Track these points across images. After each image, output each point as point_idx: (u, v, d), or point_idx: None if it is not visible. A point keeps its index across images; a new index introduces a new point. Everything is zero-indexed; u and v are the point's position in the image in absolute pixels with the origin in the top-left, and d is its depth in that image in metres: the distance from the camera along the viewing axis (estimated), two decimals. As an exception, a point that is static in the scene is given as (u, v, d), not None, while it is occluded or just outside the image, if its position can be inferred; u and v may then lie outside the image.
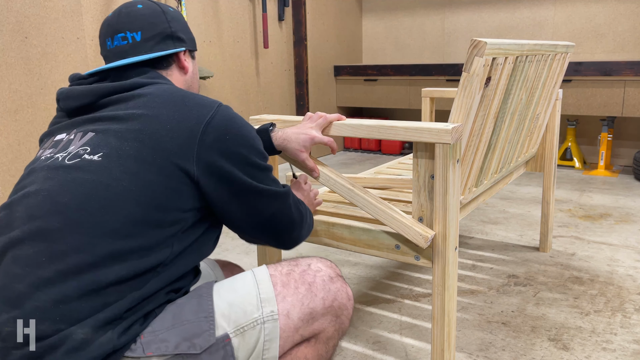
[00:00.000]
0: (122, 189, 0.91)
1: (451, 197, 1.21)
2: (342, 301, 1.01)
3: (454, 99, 1.23)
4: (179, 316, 0.90)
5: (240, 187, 1.00)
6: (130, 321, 0.88)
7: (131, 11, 1.11)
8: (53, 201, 0.90)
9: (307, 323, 0.97)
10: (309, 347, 1.00)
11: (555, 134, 2.24)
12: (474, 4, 4.55)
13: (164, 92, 1.02)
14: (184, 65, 1.17)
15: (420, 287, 2.07)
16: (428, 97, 2.55)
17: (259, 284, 0.97)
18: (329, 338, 1.02)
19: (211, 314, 0.91)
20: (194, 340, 0.88)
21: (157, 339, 0.88)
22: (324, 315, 0.99)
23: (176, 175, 0.94)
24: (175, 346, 0.87)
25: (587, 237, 2.55)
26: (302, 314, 0.96)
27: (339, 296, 1.01)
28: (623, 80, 3.60)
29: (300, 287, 0.97)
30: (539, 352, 1.60)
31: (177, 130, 0.96)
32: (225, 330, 0.90)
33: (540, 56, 1.67)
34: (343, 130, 1.32)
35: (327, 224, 1.42)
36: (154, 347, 0.87)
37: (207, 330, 0.89)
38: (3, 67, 2.52)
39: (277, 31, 4.25)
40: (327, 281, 1.00)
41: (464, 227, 2.77)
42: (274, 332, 0.93)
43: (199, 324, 0.89)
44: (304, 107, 4.51)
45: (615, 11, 4.02)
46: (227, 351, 0.89)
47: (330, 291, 1.00)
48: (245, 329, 0.91)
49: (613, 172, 3.89)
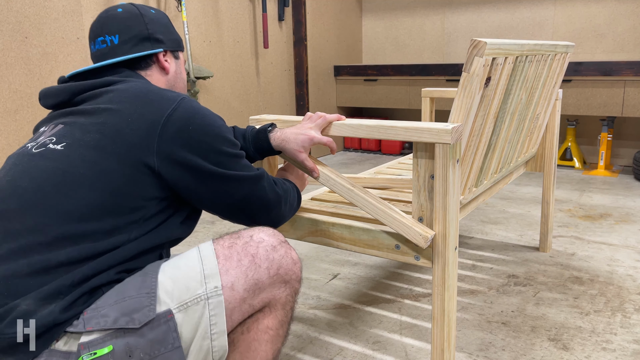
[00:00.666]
0: (79, 175, 0.96)
1: (451, 197, 1.21)
2: (287, 267, 1.03)
3: (454, 99, 1.24)
4: (122, 292, 0.92)
5: (204, 174, 1.04)
6: (73, 296, 0.90)
7: (110, 15, 1.19)
8: (14, 185, 0.97)
9: (253, 293, 0.99)
10: (267, 317, 1.03)
11: (555, 134, 2.24)
12: (474, 4, 4.55)
13: (130, 88, 1.07)
14: (164, 66, 1.22)
15: (420, 287, 2.07)
16: (428, 97, 2.55)
17: (203, 259, 0.98)
18: (284, 303, 1.05)
19: (153, 290, 0.92)
20: (133, 315, 0.89)
21: (98, 314, 0.90)
22: (272, 284, 1.01)
23: (136, 165, 0.99)
24: (114, 321, 0.89)
25: (587, 237, 2.56)
26: (247, 285, 0.97)
27: (283, 263, 1.03)
28: (623, 80, 3.60)
29: (244, 259, 0.99)
30: (539, 352, 1.60)
31: (138, 123, 1.01)
32: (169, 306, 0.91)
33: (540, 56, 1.67)
34: (343, 130, 1.32)
35: (327, 224, 1.42)
36: (94, 322, 0.89)
37: (147, 306, 0.90)
38: (3, 67, 2.52)
39: (277, 31, 4.25)
40: (270, 250, 1.02)
41: (464, 227, 2.77)
42: (219, 307, 0.94)
43: (140, 299, 0.91)
44: (304, 107, 4.51)
45: (615, 11, 4.02)
46: (169, 326, 0.90)
47: (274, 260, 1.01)
48: (188, 305, 0.92)
49: (613, 172, 3.89)
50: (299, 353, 1.63)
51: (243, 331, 1.02)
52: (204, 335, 0.93)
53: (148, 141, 1.00)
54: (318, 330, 1.76)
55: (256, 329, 1.02)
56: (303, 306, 1.93)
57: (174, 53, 1.26)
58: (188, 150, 1.02)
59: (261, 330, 1.02)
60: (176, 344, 0.90)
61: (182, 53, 1.31)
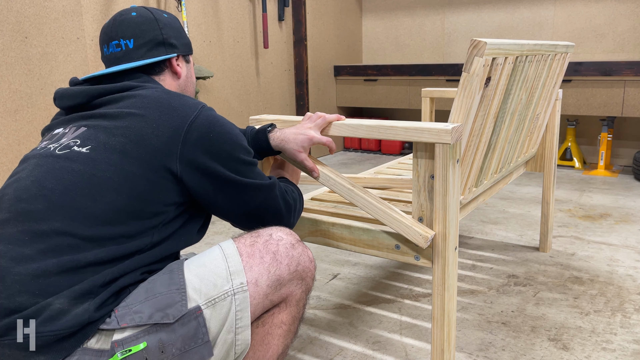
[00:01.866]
0: (105, 179, 0.97)
1: (451, 197, 1.21)
2: (305, 264, 1.08)
3: (454, 99, 1.24)
4: (152, 290, 0.95)
5: (223, 181, 1.07)
6: (104, 296, 0.92)
7: (125, 19, 1.19)
8: (40, 186, 0.97)
9: (275, 289, 1.03)
10: (282, 312, 1.07)
11: (555, 134, 2.24)
12: (474, 4, 4.55)
13: (152, 94, 1.08)
14: (177, 71, 1.23)
15: (420, 287, 2.07)
16: (428, 97, 2.55)
17: (227, 257, 1.02)
18: (299, 300, 1.09)
19: (182, 286, 0.95)
20: (167, 310, 0.92)
21: (130, 311, 0.92)
22: (291, 280, 1.05)
23: (159, 170, 1.00)
24: (149, 316, 0.91)
25: (587, 237, 2.55)
26: (270, 281, 1.02)
27: (302, 260, 1.07)
28: (623, 80, 3.60)
29: (265, 256, 1.03)
30: (539, 352, 1.60)
31: (162, 129, 1.02)
32: (197, 303, 0.94)
33: (540, 56, 1.67)
34: (343, 130, 1.32)
35: (327, 224, 1.42)
36: (128, 319, 0.91)
37: (179, 301, 0.93)
38: (3, 67, 2.52)
39: (277, 31, 4.25)
40: (290, 248, 1.06)
41: (464, 227, 2.77)
42: (245, 302, 0.98)
43: (171, 295, 0.93)
44: (304, 107, 4.51)
45: (615, 11, 4.02)
46: (199, 322, 0.94)
47: (293, 257, 1.06)
48: (216, 301, 0.96)
49: (613, 172, 3.89)
50: (299, 353, 1.63)
51: (258, 324, 1.05)
52: (229, 329, 0.97)
53: (171, 147, 1.01)
54: (318, 330, 1.76)
55: (271, 323, 1.05)
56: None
57: (185, 57, 1.28)
58: (209, 157, 1.04)
59: (275, 325, 1.05)
60: (205, 339, 0.94)
61: (192, 57, 1.32)
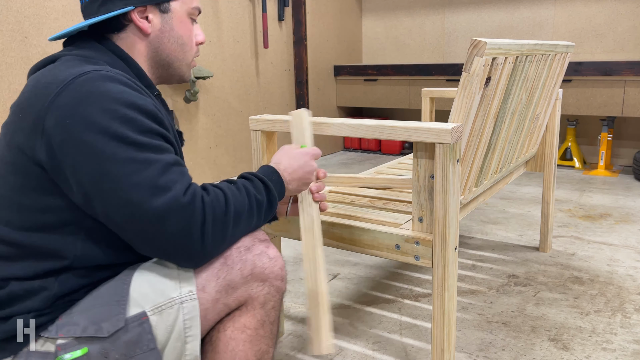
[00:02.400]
0: None
1: (451, 197, 1.21)
2: (263, 266, 0.98)
3: (454, 99, 1.23)
4: (94, 298, 0.92)
5: None
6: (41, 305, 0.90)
7: None
8: None
9: (226, 293, 0.95)
10: (244, 315, 0.98)
11: (555, 134, 2.24)
12: (474, 4, 4.55)
13: (38, 75, 0.93)
14: (140, 26, 1.01)
15: (420, 287, 2.07)
16: (428, 97, 2.55)
17: None
18: (264, 302, 0.99)
19: (124, 297, 0.90)
20: (102, 324, 0.88)
21: (70, 321, 0.89)
22: (246, 283, 0.96)
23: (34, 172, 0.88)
24: (83, 329, 0.88)
25: (587, 237, 2.55)
26: (219, 287, 0.94)
27: (259, 262, 0.97)
28: (623, 80, 3.60)
29: (215, 261, 0.95)
30: (539, 352, 1.60)
31: (25, 120, 0.88)
32: (143, 309, 0.90)
33: (540, 56, 1.67)
34: (343, 130, 1.32)
35: (327, 224, 1.42)
36: (65, 329, 0.89)
37: (116, 315, 0.89)
38: (3, 67, 2.52)
39: (277, 31, 4.25)
40: (244, 251, 0.97)
41: (464, 227, 2.77)
42: (194, 311, 0.92)
43: (110, 307, 0.90)
44: (304, 107, 4.51)
45: (615, 11, 4.02)
46: (144, 328, 0.90)
47: (246, 261, 0.96)
48: (162, 308, 0.91)
49: (613, 172, 3.89)
50: (299, 353, 1.63)
51: (220, 329, 0.99)
52: (178, 337, 0.92)
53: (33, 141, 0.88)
54: (318, 330, 1.76)
55: (233, 328, 0.98)
56: (303, 306, 1.93)
57: (161, 6, 1.02)
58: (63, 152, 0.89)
59: (238, 329, 0.98)
60: (151, 346, 0.90)
61: (179, 2, 1.04)
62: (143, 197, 0.84)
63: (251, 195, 0.97)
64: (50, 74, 0.90)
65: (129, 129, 0.85)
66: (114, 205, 0.85)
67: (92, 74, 0.87)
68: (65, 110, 0.84)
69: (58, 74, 0.89)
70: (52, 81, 0.88)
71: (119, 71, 0.94)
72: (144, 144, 0.86)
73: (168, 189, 0.85)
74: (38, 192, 0.89)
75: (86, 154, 0.84)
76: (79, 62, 0.93)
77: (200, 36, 1.10)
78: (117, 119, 0.85)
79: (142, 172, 0.85)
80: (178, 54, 1.07)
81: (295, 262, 2.35)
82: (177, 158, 0.91)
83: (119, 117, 0.85)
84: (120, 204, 0.85)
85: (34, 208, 0.89)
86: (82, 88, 0.86)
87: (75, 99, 0.85)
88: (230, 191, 0.94)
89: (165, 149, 0.90)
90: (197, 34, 1.10)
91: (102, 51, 0.99)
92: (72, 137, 0.84)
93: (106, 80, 0.87)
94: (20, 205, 0.89)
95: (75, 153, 0.84)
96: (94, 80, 0.87)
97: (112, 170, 0.84)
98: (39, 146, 0.86)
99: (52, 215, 0.90)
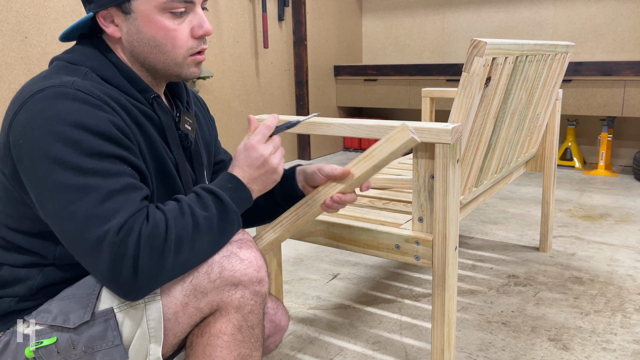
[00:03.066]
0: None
1: (451, 197, 1.21)
2: (233, 269, 0.92)
3: (454, 99, 1.23)
4: (72, 289, 0.95)
5: None
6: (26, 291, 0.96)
7: None
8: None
9: (196, 298, 0.92)
10: (219, 321, 0.94)
11: (555, 134, 2.24)
12: (474, 4, 4.55)
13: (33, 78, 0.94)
14: (108, 32, 0.95)
15: (420, 287, 2.07)
16: (428, 97, 2.55)
17: None
18: (239, 307, 0.94)
19: (95, 291, 0.93)
20: (70, 315, 0.92)
21: (47, 309, 0.94)
22: (216, 288, 0.92)
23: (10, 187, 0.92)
24: (54, 318, 0.92)
25: (587, 237, 2.55)
26: (186, 291, 0.91)
27: (227, 265, 0.92)
28: (623, 80, 3.60)
29: None
30: (539, 352, 1.60)
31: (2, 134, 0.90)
32: (111, 305, 0.92)
33: (540, 56, 1.67)
34: (343, 130, 1.32)
35: (327, 224, 1.42)
36: (40, 316, 0.93)
37: (83, 308, 0.92)
38: (3, 67, 2.52)
39: (277, 31, 4.25)
40: None
41: (464, 227, 2.77)
42: (157, 312, 0.92)
43: (80, 299, 0.93)
44: (304, 107, 4.51)
45: (615, 11, 4.02)
46: (110, 324, 0.91)
47: (213, 264, 0.92)
48: (129, 307, 0.92)
49: (613, 172, 3.89)
50: (299, 353, 1.63)
51: (197, 335, 0.97)
52: (142, 336, 0.92)
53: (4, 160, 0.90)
54: (318, 330, 1.76)
55: (209, 334, 0.95)
56: (303, 306, 1.93)
57: (122, 6, 0.93)
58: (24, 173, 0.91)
59: (213, 335, 0.94)
60: (116, 342, 0.91)
61: (140, 3, 0.92)
62: (77, 228, 0.82)
63: (196, 215, 0.89)
64: (27, 85, 0.90)
65: (72, 152, 0.82)
66: (57, 230, 0.86)
67: (47, 91, 0.84)
68: (20, 129, 0.84)
69: (29, 86, 0.88)
70: (20, 95, 0.88)
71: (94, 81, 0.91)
72: (86, 169, 0.82)
73: (105, 220, 0.82)
74: (17, 203, 0.93)
75: (33, 176, 0.84)
76: (56, 70, 0.92)
77: (200, 28, 0.98)
78: (60, 142, 0.82)
79: (80, 201, 0.82)
80: (157, 56, 0.97)
81: (295, 262, 2.35)
82: (127, 182, 0.86)
83: (62, 140, 0.82)
84: (60, 229, 0.85)
85: (17, 216, 0.94)
86: (35, 107, 0.84)
87: (27, 119, 0.84)
88: (173, 215, 0.87)
89: (115, 173, 0.85)
90: (194, 26, 0.97)
91: (93, 55, 0.95)
92: (24, 158, 0.84)
93: (60, 98, 0.84)
94: (6, 212, 0.95)
95: (27, 173, 0.85)
96: (47, 99, 0.84)
97: (52, 197, 0.83)
98: (7, 163, 0.89)
99: (31, 222, 0.94)
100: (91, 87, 0.88)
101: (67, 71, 0.92)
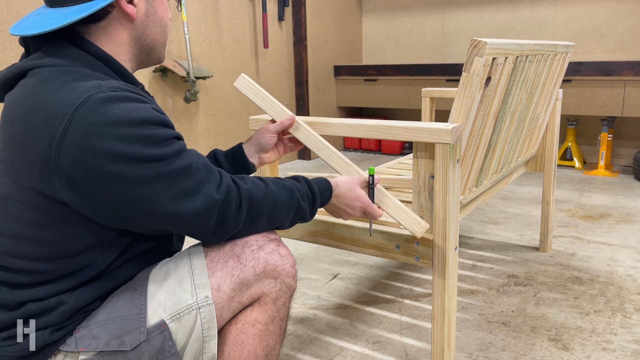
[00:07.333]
0: None
1: (451, 197, 1.21)
2: (275, 263, 1.01)
3: (454, 99, 1.23)
4: (112, 311, 0.93)
5: None
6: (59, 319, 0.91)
7: None
8: None
9: (241, 292, 0.98)
10: (256, 311, 1.01)
11: (555, 134, 2.24)
12: (474, 4, 4.55)
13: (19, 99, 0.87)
14: (128, 12, 0.94)
15: (420, 287, 2.07)
16: (428, 97, 2.55)
17: (193, 269, 0.98)
18: (275, 299, 1.02)
19: (143, 310, 0.93)
20: (124, 337, 0.90)
21: (89, 334, 0.91)
22: (259, 280, 0.99)
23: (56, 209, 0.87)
24: (106, 343, 0.90)
25: (587, 237, 2.55)
26: (234, 285, 0.97)
27: (270, 260, 1.00)
28: (623, 80, 3.60)
29: (229, 260, 0.99)
30: (539, 352, 1.60)
31: (28, 160, 0.84)
32: (162, 317, 0.93)
33: (540, 56, 1.67)
34: (343, 130, 1.32)
35: (327, 224, 1.42)
36: (85, 343, 0.90)
37: (137, 328, 0.91)
38: (3, 67, 2.52)
39: (277, 31, 4.25)
40: (256, 250, 1.00)
41: (464, 227, 2.77)
42: (210, 314, 0.95)
43: (130, 321, 0.92)
44: (304, 107, 4.51)
45: (615, 11, 4.02)
46: (165, 336, 0.92)
47: (259, 258, 0.99)
48: (181, 315, 0.94)
49: (613, 172, 3.89)
50: (299, 353, 1.63)
51: (231, 322, 1.01)
52: (197, 338, 0.95)
53: (48, 179, 0.85)
54: (318, 330, 1.76)
55: (244, 321, 1.00)
56: (303, 306, 1.93)
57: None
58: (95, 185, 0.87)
59: (248, 323, 1.00)
60: (173, 351, 0.93)
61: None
62: (181, 207, 0.88)
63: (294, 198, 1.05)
64: (41, 102, 0.84)
65: (149, 147, 0.85)
66: (156, 219, 0.88)
67: (91, 102, 0.82)
68: (80, 147, 0.81)
69: (49, 102, 0.83)
70: (49, 115, 0.82)
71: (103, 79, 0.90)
72: (167, 155, 0.87)
73: (199, 190, 0.90)
74: (58, 225, 0.89)
75: (117, 183, 0.84)
76: (60, 78, 0.87)
77: (170, 13, 1.07)
78: (136, 143, 0.84)
79: (174, 184, 0.88)
80: (160, 37, 1.03)
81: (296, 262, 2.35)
82: (193, 152, 0.94)
83: (137, 140, 0.84)
84: (163, 216, 0.88)
85: (56, 240, 0.89)
86: (88, 120, 0.81)
87: (86, 135, 0.81)
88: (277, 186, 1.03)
89: (183, 148, 0.91)
90: None
91: (77, 56, 0.91)
92: (97, 172, 0.82)
93: (107, 103, 0.83)
94: (41, 240, 0.89)
95: (105, 185, 0.83)
96: (96, 109, 0.82)
97: (147, 192, 0.85)
98: (59, 186, 0.84)
99: (75, 242, 0.91)
100: (117, 84, 0.89)
101: (76, 77, 0.88)
